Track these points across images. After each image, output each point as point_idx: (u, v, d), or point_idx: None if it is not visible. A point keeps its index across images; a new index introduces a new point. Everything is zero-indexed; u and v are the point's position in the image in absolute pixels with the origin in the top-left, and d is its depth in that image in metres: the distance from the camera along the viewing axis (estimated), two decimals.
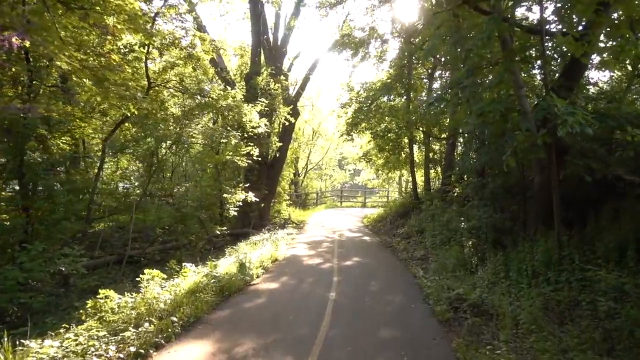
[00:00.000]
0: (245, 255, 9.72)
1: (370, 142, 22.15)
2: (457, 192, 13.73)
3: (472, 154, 13.32)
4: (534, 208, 9.22)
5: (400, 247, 13.41)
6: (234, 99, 11.85)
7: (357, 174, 42.36)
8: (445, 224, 12.00)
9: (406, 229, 15.91)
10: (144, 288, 6.81)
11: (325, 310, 6.49)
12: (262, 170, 18.20)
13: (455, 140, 17.83)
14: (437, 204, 14.09)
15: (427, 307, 6.79)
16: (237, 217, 18.17)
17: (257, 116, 12.45)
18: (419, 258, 11.68)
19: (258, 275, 8.92)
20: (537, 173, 9.19)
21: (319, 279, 8.80)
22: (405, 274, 9.54)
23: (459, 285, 8.02)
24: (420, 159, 22.73)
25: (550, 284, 7.21)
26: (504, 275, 8.18)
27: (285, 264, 10.54)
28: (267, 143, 16.69)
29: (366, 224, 20.90)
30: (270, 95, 17.47)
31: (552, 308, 6.35)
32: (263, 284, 8.31)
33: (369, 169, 31.69)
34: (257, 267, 9.24)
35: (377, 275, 9.35)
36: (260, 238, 14.78)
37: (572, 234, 8.07)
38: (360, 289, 7.94)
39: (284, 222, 20.66)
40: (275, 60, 18.72)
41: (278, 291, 7.78)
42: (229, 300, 7.02)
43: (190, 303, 6.23)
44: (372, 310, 6.58)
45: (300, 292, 7.72)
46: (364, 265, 10.59)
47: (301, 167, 34.92)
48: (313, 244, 14.15)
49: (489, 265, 8.85)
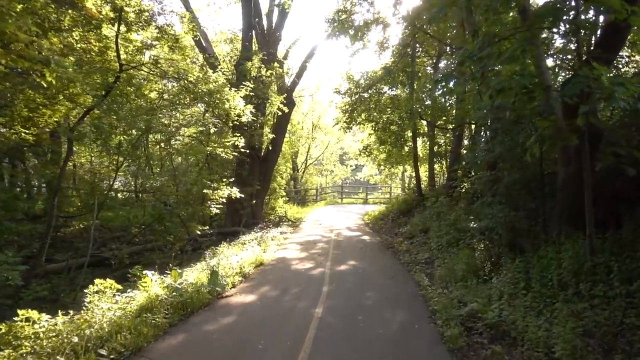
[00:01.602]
0: (219, 261, 8.44)
1: (372, 135, 20.85)
2: (464, 187, 12.40)
3: (482, 145, 12.01)
4: (558, 206, 7.90)
5: (402, 249, 12.13)
6: (216, 82, 10.55)
7: (359, 170, 41.02)
8: (453, 223, 10.70)
9: (409, 228, 14.61)
10: (89, 303, 5.60)
11: (307, 334, 5.20)
12: (254, 165, 16.93)
13: (462, 132, 16.50)
14: (442, 200, 12.77)
15: (434, 330, 5.49)
16: (227, 214, 16.93)
17: (242, 102, 11.16)
18: (423, 262, 10.39)
19: (234, 285, 7.64)
20: (562, 165, 7.86)
21: (305, 289, 7.51)
22: (407, 282, 8.24)
23: (472, 298, 6.73)
24: (424, 153, 21.41)
25: (583, 299, 5.93)
26: (524, 286, 6.89)
27: (270, 270, 9.26)
28: (258, 135, 15.37)
29: (366, 221, 19.61)
30: (263, 83, 16.16)
31: (592, 332, 5.05)
32: (237, 296, 7.02)
33: (371, 164, 30.44)
34: (234, 275, 7.96)
35: (375, 283, 8.06)
36: (250, 237, 13.55)
37: (605, 237, 6.79)
38: (353, 303, 6.65)
39: (279, 219, 19.42)
40: (268, 46, 17.37)
41: (253, 306, 6.47)
42: (188, 321, 5.72)
43: (134, 326, 4.96)
44: (365, 334, 5.29)
45: (280, 307, 6.41)
46: (361, 270, 9.31)
47: (300, 162, 33.62)
48: (306, 245, 12.87)
49: (505, 272, 7.56)
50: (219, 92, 10.46)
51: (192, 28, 11.20)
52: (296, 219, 20.29)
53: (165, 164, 17.21)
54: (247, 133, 14.87)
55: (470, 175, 12.54)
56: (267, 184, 18.24)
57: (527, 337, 5.07)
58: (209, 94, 10.36)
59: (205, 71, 10.57)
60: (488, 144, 9.88)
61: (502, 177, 8.90)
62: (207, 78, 10.62)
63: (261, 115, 16.13)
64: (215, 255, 9.86)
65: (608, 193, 7.08)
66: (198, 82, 10.30)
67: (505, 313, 5.84)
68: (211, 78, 10.62)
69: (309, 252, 11.67)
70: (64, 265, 9.21)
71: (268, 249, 11.69)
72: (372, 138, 21.42)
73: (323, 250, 11.97)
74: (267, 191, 18.75)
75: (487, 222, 8.37)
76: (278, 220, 19.23)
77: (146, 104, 11.04)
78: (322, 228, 17.11)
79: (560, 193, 7.86)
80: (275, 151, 18.46)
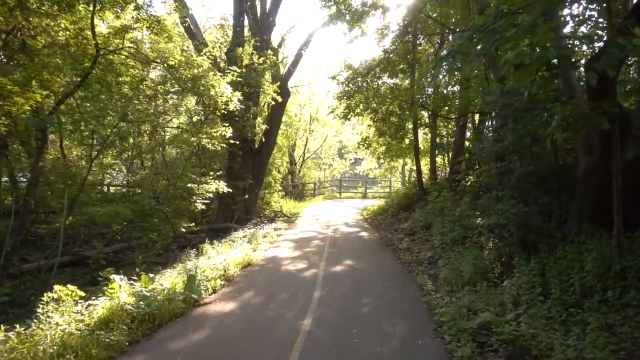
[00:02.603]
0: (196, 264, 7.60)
1: (370, 126, 19.98)
2: (470, 181, 11.56)
3: (489, 135, 11.17)
4: (577, 200, 7.07)
5: (402, 246, 11.33)
6: (200, 67, 9.66)
7: (358, 164, 40.15)
8: (458, 219, 9.87)
9: (410, 224, 13.81)
10: (42, 315, 4.80)
11: (291, 354, 4.38)
12: (246, 158, 16.06)
13: (465, 122, 15.62)
14: (445, 195, 11.94)
15: (441, 347, 4.66)
16: (218, 210, 16.11)
17: (230, 89, 10.26)
18: (426, 261, 9.59)
19: (215, 290, 6.81)
20: (583, 154, 7.02)
21: (295, 294, 6.68)
22: (408, 285, 7.43)
23: (483, 305, 5.92)
24: (425, 146, 20.54)
25: (613, 308, 5.13)
26: (542, 291, 6.10)
27: (258, 271, 8.44)
28: (251, 126, 14.48)
29: (365, 217, 18.81)
30: (255, 71, 15.26)
31: (631, 351, 4.24)
32: (216, 303, 6.19)
33: (370, 158, 29.59)
34: (215, 278, 7.13)
35: (373, 287, 7.25)
36: (241, 234, 12.76)
37: (634, 235, 6.00)
38: (347, 312, 5.84)
39: (274, 215, 18.60)
40: (261, 32, 16.44)
41: (231, 317, 5.63)
42: (154, 336, 4.89)
43: (83, 346, 4.14)
44: (360, 354, 4.47)
45: (262, 318, 5.58)
46: (358, 271, 8.50)
47: (298, 156, 32.75)
48: (301, 242, 12.06)
49: (519, 275, 6.76)
50: (203, 78, 9.58)
51: (177, 8, 10.29)
52: (292, 214, 19.49)
53: (156, 157, 16.34)
54: (238, 124, 14.00)
55: (475, 167, 11.71)
56: (260, 177, 17.39)
57: (553, 356, 4.25)
58: (193, 80, 9.48)
59: (188, 55, 9.69)
60: (497, 133, 9.02)
61: (513, 169, 8.07)
62: (191, 62, 9.72)
63: (253, 105, 15.24)
64: (200, 255, 9.04)
65: (633, 185, 6.26)
66: (180, 66, 9.40)
67: (524, 326, 5.02)
68: (195, 62, 9.72)
69: (303, 250, 10.86)
70: (43, 265, 8.42)
71: (259, 247, 10.89)
72: (371, 130, 20.60)
73: (318, 248, 11.17)
74: (260, 185, 17.91)
75: (497, 218, 7.55)
76: (273, 215, 18.42)
77: (129, 91, 10.16)
78: (318, 224, 16.30)
79: (580, 186, 7.03)
80: (269, 143, 17.57)
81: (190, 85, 9.70)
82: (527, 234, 7.30)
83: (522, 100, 7.83)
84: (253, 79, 14.97)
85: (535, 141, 8.28)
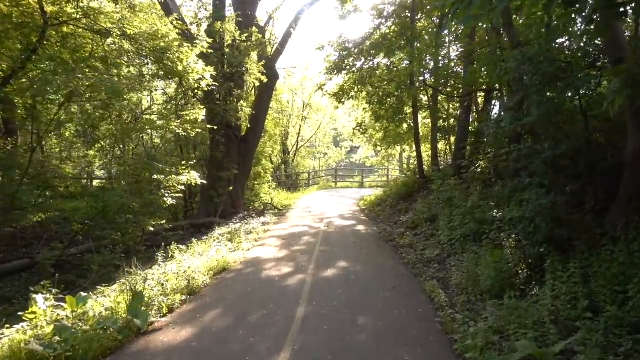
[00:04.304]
0: (145, 276, 6.14)
1: (366, 110, 18.50)
2: (480, 166, 10.15)
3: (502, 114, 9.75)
4: (626, 189, 5.67)
5: (404, 242, 9.98)
6: (165, 37, 8.14)
7: (354, 152, 38.69)
8: (469, 211, 8.48)
9: (412, 216, 12.43)
10: None
11: None
12: (231, 145, 14.56)
13: (471, 103, 14.17)
14: (452, 183, 10.53)
15: None
16: (200, 204, 14.68)
17: (201, 64, 8.73)
18: (433, 260, 8.24)
19: (171, 309, 5.38)
20: (633, 131, 5.62)
21: (273, 313, 5.28)
22: (415, 296, 6.05)
23: (516, 327, 4.52)
24: (424, 131, 19.08)
25: None
26: (589, 306, 4.75)
27: (233, 279, 7.02)
28: (233, 110, 12.95)
29: (362, 208, 17.42)
30: (238, 50, 13.72)
31: None
32: (167, 331, 4.74)
33: (366, 146, 28.15)
34: (176, 292, 5.72)
35: (372, 299, 5.86)
36: (225, 230, 11.38)
37: None
38: (339, 342, 4.44)
39: (263, 208, 17.19)
40: (245, 7, 14.87)
41: (181, 354, 4.15)
42: None
43: None
44: None
45: (223, 355, 4.17)
46: (353, 277, 7.13)
47: (291, 145, 31.24)
48: (289, 239, 10.67)
49: (553, 282, 5.41)
50: (168, 50, 8.08)
51: None
52: (284, 207, 18.09)
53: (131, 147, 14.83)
54: (219, 107, 12.49)
55: (487, 151, 10.28)
56: (247, 167, 15.92)
57: None
58: (154, 52, 7.95)
59: (152, 24, 8.18)
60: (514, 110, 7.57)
61: (539, 151, 6.64)
62: (155, 33, 8.21)
63: (236, 87, 13.72)
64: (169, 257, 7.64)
65: None
66: (140, 36, 7.88)
67: None
68: (160, 33, 8.21)
69: (291, 249, 9.47)
70: None
71: (240, 247, 9.49)
72: (367, 115, 19.15)
73: (308, 246, 9.78)
74: (248, 176, 16.45)
75: (523, 210, 6.15)
76: (263, 208, 17.00)
77: (71, 62, 8.66)
78: (311, 217, 14.91)
79: (629, 171, 5.64)
80: (256, 130, 16.06)
81: (154, 58, 8.18)
82: (557, 230, 5.93)
83: (552, 66, 6.41)
84: (236, 59, 13.44)
85: (567, 116, 6.92)
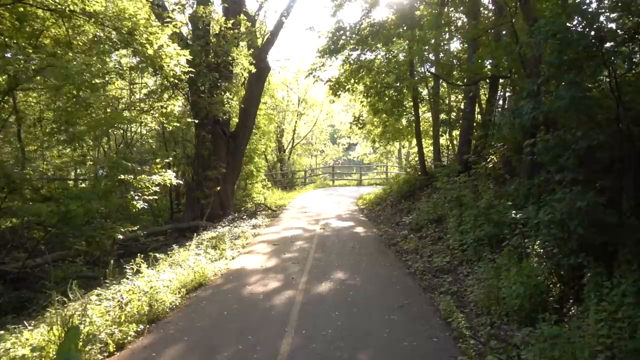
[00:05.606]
0: (84, 305, 4.97)
1: (363, 103, 17.40)
2: (492, 161, 9.09)
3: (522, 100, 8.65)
4: None
5: (409, 247, 8.94)
6: (135, 16, 7.04)
7: (352, 149, 37.59)
8: (484, 212, 7.41)
9: (415, 216, 11.38)
10: None
11: None
12: (219, 142, 13.46)
13: (477, 93, 13.09)
14: (461, 180, 9.45)
15: None
16: (187, 206, 13.60)
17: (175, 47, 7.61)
18: (443, 269, 7.18)
19: (121, 345, 4.28)
20: None
21: (250, 348, 4.15)
22: (427, 319, 4.98)
23: None
24: (425, 126, 17.98)
25: None
26: None
27: (209, 298, 5.93)
28: (219, 102, 11.82)
29: (361, 207, 16.39)
30: (224, 39, 12.61)
31: None
32: None
33: (364, 142, 27.08)
34: (131, 321, 4.62)
35: (375, 325, 4.79)
36: (210, 235, 10.27)
37: None
38: None
39: (255, 208, 16.12)
40: None
41: None
42: None
43: None
44: None
45: None
46: (352, 292, 6.06)
47: (287, 142, 30.15)
48: (281, 245, 9.61)
49: (597, 302, 4.33)
50: (135, 30, 6.98)
51: None
52: (278, 207, 17.02)
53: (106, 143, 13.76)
54: (203, 100, 11.39)
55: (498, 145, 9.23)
56: (237, 165, 14.81)
57: None
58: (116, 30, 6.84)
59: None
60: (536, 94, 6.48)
61: (569, 142, 5.58)
62: (123, 10, 7.10)
63: (223, 78, 12.61)
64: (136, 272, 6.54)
65: None
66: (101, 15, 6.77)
67: None
68: (127, 10, 7.10)
69: (281, 257, 8.41)
70: None
71: (224, 255, 8.42)
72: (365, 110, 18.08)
73: (301, 253, 8.72)
74: (238, 175, 15.35)
75: (555, 212, 5.08)
76: (255, 209, 15.93)
77: None
78: (306, 218, 13.84)
79: None
80: (246, 126, 14.96)
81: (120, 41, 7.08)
82: (597, 235, 4.88)
83: (584, 39, 5.36)
84: (222, 47, 12.34)
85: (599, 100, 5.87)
